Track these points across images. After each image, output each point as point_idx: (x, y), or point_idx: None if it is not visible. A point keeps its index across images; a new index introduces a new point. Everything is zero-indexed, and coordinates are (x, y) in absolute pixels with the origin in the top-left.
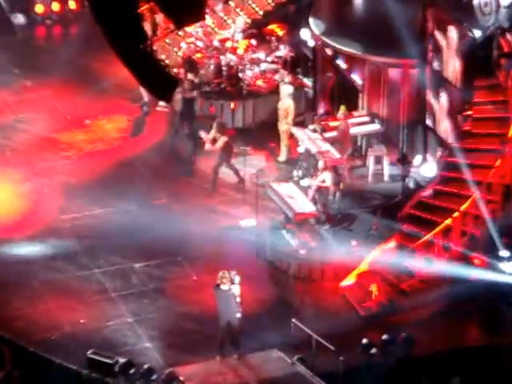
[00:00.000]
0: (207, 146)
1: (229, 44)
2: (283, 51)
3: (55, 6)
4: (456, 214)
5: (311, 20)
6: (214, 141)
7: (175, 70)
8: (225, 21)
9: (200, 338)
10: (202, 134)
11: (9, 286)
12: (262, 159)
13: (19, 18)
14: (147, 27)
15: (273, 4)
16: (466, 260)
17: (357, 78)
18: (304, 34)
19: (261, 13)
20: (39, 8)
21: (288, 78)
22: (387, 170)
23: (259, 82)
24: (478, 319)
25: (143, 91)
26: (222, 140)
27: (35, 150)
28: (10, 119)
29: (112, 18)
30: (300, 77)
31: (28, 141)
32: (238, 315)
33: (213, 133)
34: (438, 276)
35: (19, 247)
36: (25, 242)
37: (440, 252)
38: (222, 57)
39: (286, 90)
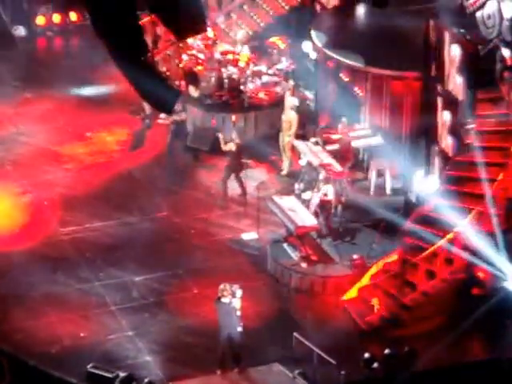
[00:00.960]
0: (223, 147)
1: (230, 56)
2: (285, 64)
3: (56, 18)
4: (458, 228)
5: (313, 32)
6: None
7: (176, 83)
8: (226, 33)
9: (201, 351)
10: (220, 135)
11: (8, 299)
12: (264, 172)
13: (20, 30)
14: (148, 39)
15: (274, 16)
16: (469, 273)
17: (359, 90)
18: (306, 46)
19: (262, 25)
20: (40, 20)
21: (291, 88)
22: (389, 183)
23: (261, 95)
24: (481, 333)
25: (145, 104)
26: (235, 144)
27: (35, 162)
28: (10, 131)
29: (113, 30)
30: (302, 89)
31: (28, 153)
32: (239, 329)
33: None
34: (442, 289)
35: (19, 260)
36: (25, 255)
37: (443, 265)
38: (223, 69)
39: (291, 101)
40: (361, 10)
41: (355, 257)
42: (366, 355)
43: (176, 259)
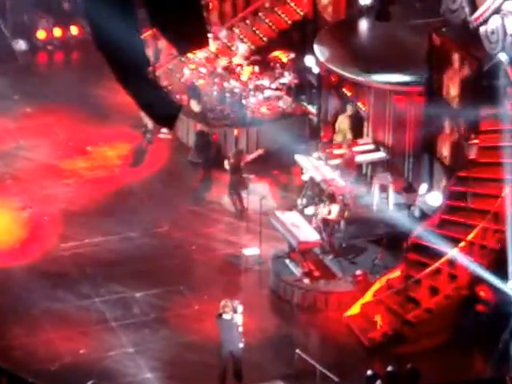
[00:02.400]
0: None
1: (232, 71)
2: (287, 78)
3: (57, 32)
4: (462, 244)
5: (316, 46)
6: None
7: (178, 97)
8: (229, 47)
9: (202, 368)
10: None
11: (8, 315)
12: (266, 187)
13: (21, 44)
14: (150, 53)
15: (277, 31)
16: (472, 291)
17: (362, 105)
18: (308, 60)
19: (265, 39)
20: (41, 34)
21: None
22: (392, 198)
23: (263, 109)
24: (485, 350)
25: (146, 118)
26: (232, 157)
27: (36, 177)
28: (10, 146)
29: (114, 43)
30: (304, 104)
31: (28, 168)
32: (241, 345)
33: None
34: (445, 306)
35: (18, 275)
36: (24, 271)
37: (446, 281)
38: (225, 83)
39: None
40: (364, 24)
41: (358, 273)
42: (369, 372)
43: (177, 275)
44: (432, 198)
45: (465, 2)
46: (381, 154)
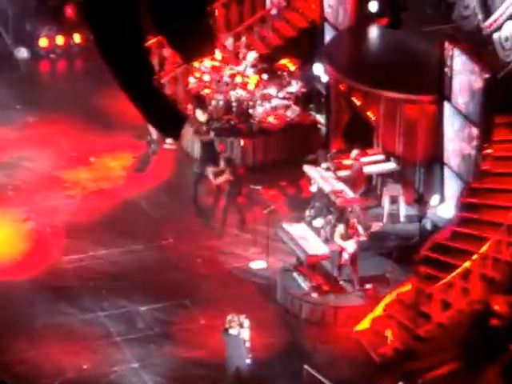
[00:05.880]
0: (212, 179)
1: (239, 79)
2: (295, 87)
3: (60, 40)
4: (475, 257)
5: (324, 54)
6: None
7: (183, 106)
8: (235, 55)
9: None
10: (209, 169)
11: (10, 330)
12: (274, 198)
13: (22, 53)
14: (154, 61)
15: (284, 38)
16: (485, 304)
17: (372, 114)
18: (317, 68)
19: (272, 47)
20: (43, 42)
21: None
22: (403, 210)
23: (270, 119)
24: (499, 366)
25: (151, 128)
26: (225, 176)
27: (38, 188)
28: (12, 156)
29: (118, 52)
30: (313, 113)
31: (30, 179)
32: (248, 361)
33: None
34: (458, 320)
35: (21, 289)
36: (26, 284)
37: (459, 295)
38: (231, 92)
39: None
40: (374, 31)
41: (368, 286)
42: None
43: (182, 288)
44: (444, 209)
45: (478, 8)
46: (391, 165)
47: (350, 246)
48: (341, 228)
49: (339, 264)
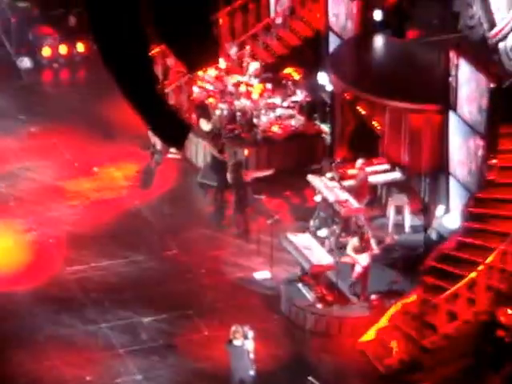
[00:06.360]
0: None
1: (243, 88)
2: (300, 96)
3: (63, 49)
4: (481, 268)
5: (329, 63)
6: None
7: (187, 116)
8: (239, 64)
9: None
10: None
11: (12, 341)
12: (278, 208)
13: (25, 62)
14: (158, 71)
15: (289, 47)
16: (491, 316)
17: (377, 124)
18: (322, 77)
19: (277, 56)
20: (46, 51)
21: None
22: (408, 220)
23: (274, 128)
24: (503, 376)
25: (155, 138)
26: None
27: (40, 198)
28: (14, 167)
29: (121, 61)
30: (317, 122)
31: (33, 189)
32: (252, 372)
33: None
34: (464, 331)
35: (23, 300)
36: (29, 295)
37: (465, 306)
38: (235, 102)
39: None
40: (379, 41)
41: (373, 297)
42: None
43: (186, 299)
44: (449, 219)
45: (483, 18)
46: (396, 175)
47: (363, 260)
48: (354, 241)
49: (353, 278)
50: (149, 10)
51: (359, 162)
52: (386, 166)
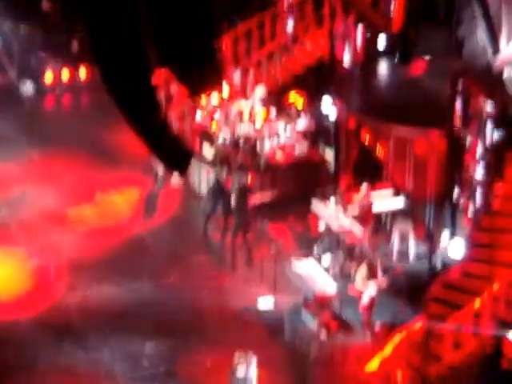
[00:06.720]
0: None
1: (246, 114)
2: (303, 122)
3: (65, 75)
4: (486, 297)
5: (333, 90)
6: None
7: (190, 142)
8: (243, 90)
9: None
10: None
11: (12, 370)
12: (282, 234)
13: (28, 87)
14: (161, 96)
15: (293, 73)
16: (497, 347)
17: (381, 151)
18: (325, 104)
19: (280, 82)
20: (48, 76)
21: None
22: (413, 247)
23: (278, 155)
24: None
25: (158, 165)
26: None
27: (42, 224)
28: (15, 192)
29: (124, 87)
30: (321, 149)
31: (34, 215)
32: None
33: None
34: (468, 362)
35: (23, 328)
36: (29, 323)
37: (470, 336)
38: (239, 128)
39: None
40: (383, 67)
41: (377, 325)
42: None
43: (188, 327)
44: (454, 247)
45: (488, 44)
46: (400, 201)
47: (371, 289)
48: (362, 270)
49: (362, 308)
50: (152, 34)
51: (363, 188)
52: (390, 193)
